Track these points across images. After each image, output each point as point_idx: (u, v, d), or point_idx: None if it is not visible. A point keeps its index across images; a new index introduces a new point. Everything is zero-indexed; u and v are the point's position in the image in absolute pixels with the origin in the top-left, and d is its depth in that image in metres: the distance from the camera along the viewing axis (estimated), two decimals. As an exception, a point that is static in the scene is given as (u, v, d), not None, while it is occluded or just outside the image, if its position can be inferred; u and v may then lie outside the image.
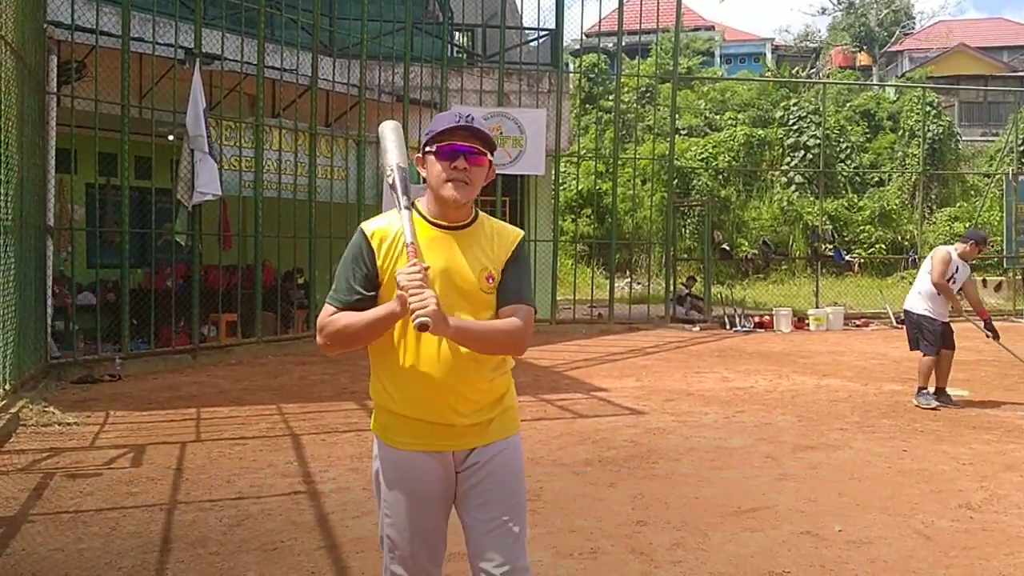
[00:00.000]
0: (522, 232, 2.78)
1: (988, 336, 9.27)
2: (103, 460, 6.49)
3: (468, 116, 2.59)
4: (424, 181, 2.67)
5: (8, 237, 8.00)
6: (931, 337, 8.91)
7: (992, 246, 20.51)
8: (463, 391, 2.61)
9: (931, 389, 8.97)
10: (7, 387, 8.03)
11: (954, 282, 8.96)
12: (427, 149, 2.61)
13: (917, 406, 8.83)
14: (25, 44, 8.72)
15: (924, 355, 8.92)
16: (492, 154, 2.65)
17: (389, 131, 2.77)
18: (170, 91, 11.26)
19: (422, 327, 2.33)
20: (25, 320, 8.82)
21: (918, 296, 9.11)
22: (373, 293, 2.59)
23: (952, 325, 9.14)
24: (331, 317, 2.59)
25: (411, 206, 2.57)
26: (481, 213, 2.73)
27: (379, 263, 2.58)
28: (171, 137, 11.67)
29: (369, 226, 2.65)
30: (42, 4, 10.00)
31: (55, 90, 10.24)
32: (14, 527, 4.90)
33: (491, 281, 2.62)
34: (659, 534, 4.90)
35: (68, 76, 10.60)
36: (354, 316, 2.55)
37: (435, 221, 2.64)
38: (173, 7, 11.67)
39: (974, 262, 9.59)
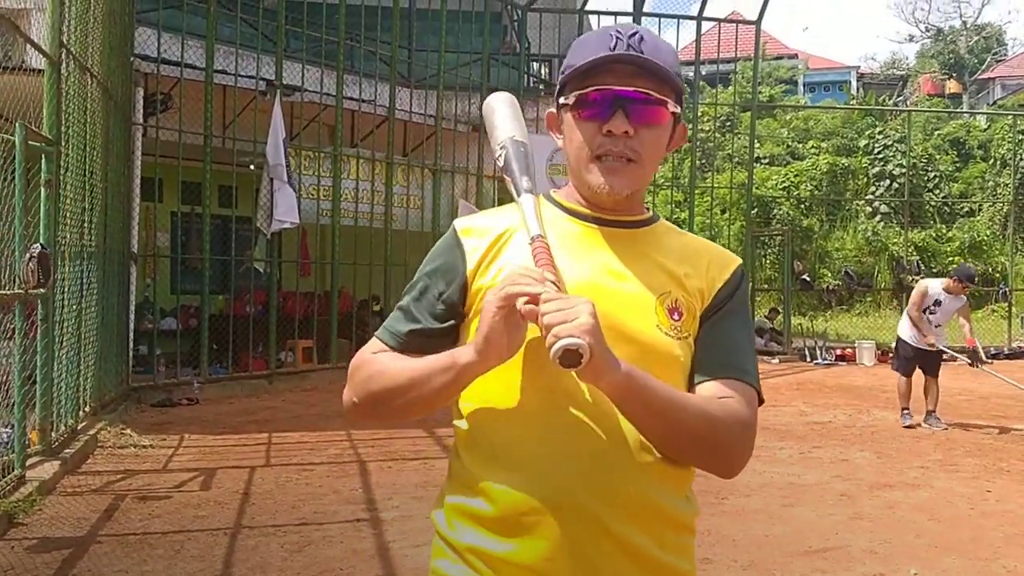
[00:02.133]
0: (740, 260, 1.67)
1: (969, 364, 10.13)
2: (174, 483, 6.60)
3: (633, 35, 1.51)
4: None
5: (91, 263, 8.25)
6: (902, 359, 9.85)
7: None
8: (616, 521, 1.43)
9: (927, 409, 9.70)
10: (87, 409, 8.24)
11: (933, 314, 9.63)
12: (561, 101, 1.58)
13: (928, 428, 9.44)
14: (112, 77, 9.02)
15: (899, 375, 9.82)
16: (679, 102, 1.55)
17: (499, 103, 1.80)
18: (251, 122, 11.53)
19: (569, 358, 1.27)
20: (107, 344, 9.06)
21: (902, 323, 9.99)
22: (447, 325, 1.57)
23: (930, 354, 9.60)
24: (367, 357, 1.58)
25: (534, 191, 1.62)
26: (663, 218, 1.71)
27: (469, 275, 1.55)
28: (252, 166, 11.95)
29: (463, 221, 1.66)
30: (129, 38, 10.35)
31: (141, 121, 10.58)
32: (83, 548, 4.99)
33: (677, 317, 1.52)
34: (725, 573, 4.77)
35: (154, 107, 10.94)
36: (399, 362, 1.52)
37: (579, 210, 1.61)
38: (256, 40, 11.99)
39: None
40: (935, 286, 9.75)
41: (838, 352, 17.14)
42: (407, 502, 6.12)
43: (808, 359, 16.81)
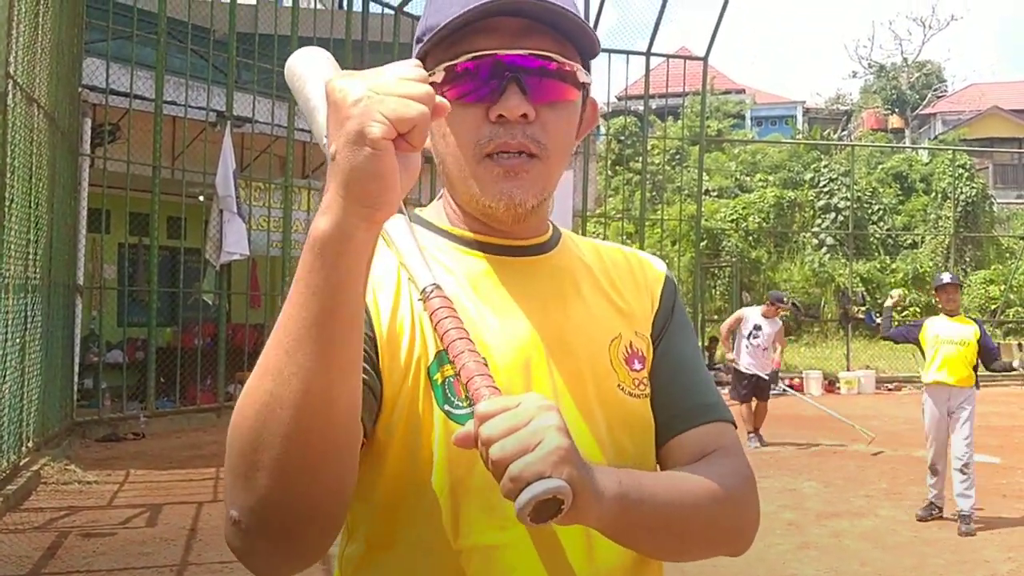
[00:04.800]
0: (661, 259, 1.32)
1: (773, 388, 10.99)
2: (119, 519, 6.49)
3: None
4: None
5: (35, 296, 8.11)
6: (738, 387, 10.54)
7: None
8: None
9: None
10: (30, 444, 8.08)
11: (756, 338, 10.49)
12: (429, 75, 0.97)
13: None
14: (59, 107, 8.94)
15: (738, 403, 10.47)
16: (588, 63, 1.14)
17: (316, 63, 1.05)
18: (201, 153, 11.47)
19: (544, 510, 0.86)
20: (51, 378, 8.90)
21: (739, 353, 10.68)
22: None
23: (761, 380, 10.50)
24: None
25: (404, 210, 1.03)
26: (561, 228, 1.27)
27: (383, 343, 1.05)
28: (201, 198, 11.86)
29: None
30: (78, 68, 10.27)
31: (88, 152, 10.48)
32: (24, 587, 4.89)
33: (639, 366, 1.18)
34: (674, 603, 4.79)
35: (102, 138, 10.84)
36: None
37: (474, 238, 1.16)
38: (206, 71, 11.95)
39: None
40: (752, 312, 10.75)
41: (787, 382, 17.34)
42: (357, 536, 6.08)
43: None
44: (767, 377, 10.57)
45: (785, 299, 11.14)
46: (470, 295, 1.10)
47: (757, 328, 10.54)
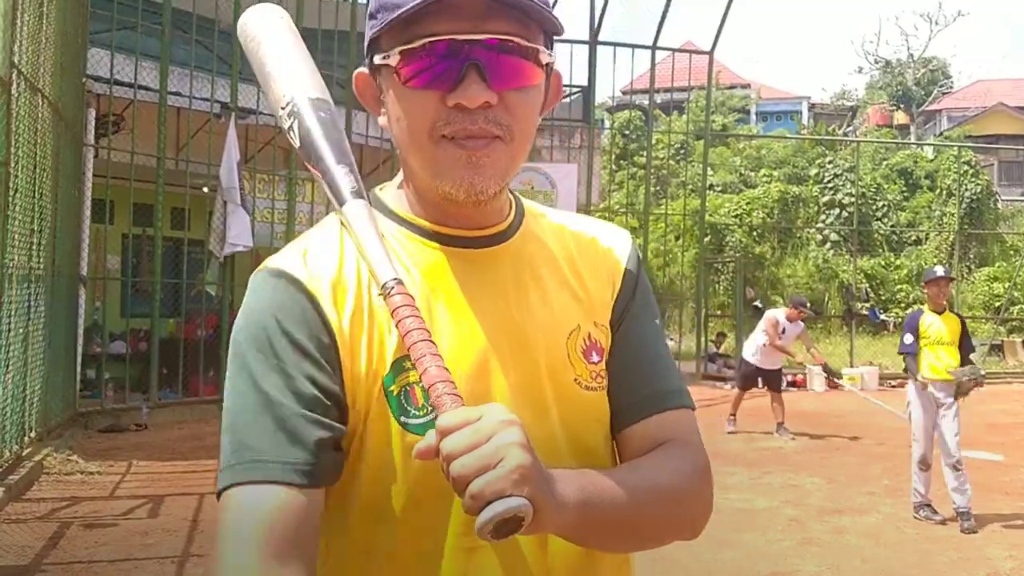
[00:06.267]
0: (628, 233, 1.27)
1: (829, 378, 11.64)
2: (121, 510, 6.49)
3: None
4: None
5: (39, 286, 8.12)
6: (742, 375, 11.37)
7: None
8: None
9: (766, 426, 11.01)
10: (33, 435, 8.09)
11: (780, 339, 10.88)
12: (378, 60, 1.06)
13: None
14: (63, 98, 8.93)
15: (737, 389, 11.40)
16: (550, 42, 1.08)
17: (272, 25, 1.18)
18: (205, 144, 11.45)
19: (505, 528, 0.87)
20: (54, 369, 8.91)
21: (747, 345, 11.43)
22: (340, 432, 1.02)
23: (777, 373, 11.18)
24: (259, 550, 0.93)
25: (363, 193, 1.11)
26: (523, 200, 1.22)
27: (343, 354, 1.03)
28: (205, 189, 11.85)
29: (295, 266, 1.06)
30: (82, 59, 10.26)
31: (92, 142, 10.47)
32: (26, 577, 4.90)
33: (596, 359, 1.15)
34: (675, 598, 4.79)
35: (106, 129, 10.83)
36: None
37: (432, 229, 1.12)
38: (210, 62, 11.93)
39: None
40: (780, 315, 11.14)
41: (789, 378, 17.31)
42: (359, 529, 6.08)
43: (760, 385, 16.94)
44: (774, 370, 11.10)
45: (808, 304, 11.66)
46: (427, 292, 1.07)
47: (782, 331, 11.00)
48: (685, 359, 18.26)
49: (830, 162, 30.63)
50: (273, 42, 1.06)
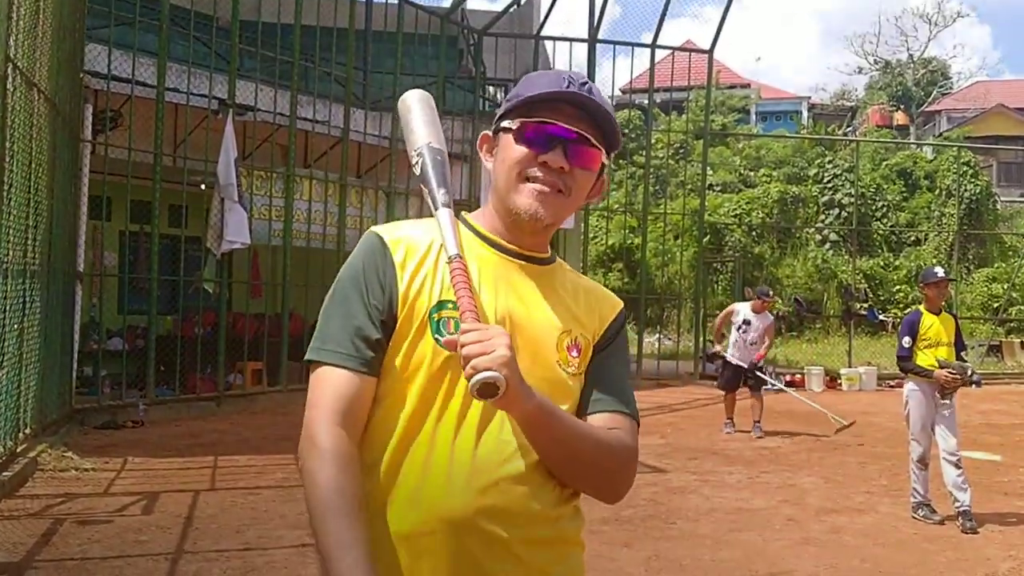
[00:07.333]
0: (622, 302, 1.76)
1: (758, 376, 11.05)
2: (115, 507, 6.46)
3: (584, 83, 1.57)
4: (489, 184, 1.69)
5: (34, 282, 8.07)
6: (726, 377, 11.19)
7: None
8: (504, 533, 1.47)
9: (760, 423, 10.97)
10: (28, 431, 8.05)
11: (746, 333, 10.92)
12: (504, 125, 1.61)
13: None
14: (60, 93, 8.89)
15: (724, 392, 11.28)
16: (611, 154, 1.64)
17: (415, 101, 1.76)
18: (203, 141, 11.41)
19: (486, 390, 1.34)
20: (49, 365, 8.87)
21: (728, 346, 11.27)
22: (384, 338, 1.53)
23: (745, 371, 10.94)
24: (321, 444, 1.47)
25: (451, 205, 1.61)
26: (558, 257, 1.73)
27: (401, 292, 1.54)
28: (203, 186, 11.81)
29: (389, 231, 1.62)
30: (79, 54, 10.21)
31: (90, 138, 10.42)
32: (18, 573, 4.86)
33: (575, 354, 1.60)
34: (671, 598, 4.76)
35: (103, 125, 10.78)
36: (326, 498, 1.48)
37: (494, 239, 1.63)
38: (208, 59, 11.89)
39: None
40: (744, 307, 11.16)
41: (788, 378, 17.28)
42: (354, 527, 6.04)
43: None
44: (747, 367, 10.94)
45: (771, 292, 11.55)
46: (479, 272, 1.57)
47: (746, 323, 10.96)
48: (683, 359, 18.24)
49: (829, 162, 30.63)
50: (416, 111, 1.73)
